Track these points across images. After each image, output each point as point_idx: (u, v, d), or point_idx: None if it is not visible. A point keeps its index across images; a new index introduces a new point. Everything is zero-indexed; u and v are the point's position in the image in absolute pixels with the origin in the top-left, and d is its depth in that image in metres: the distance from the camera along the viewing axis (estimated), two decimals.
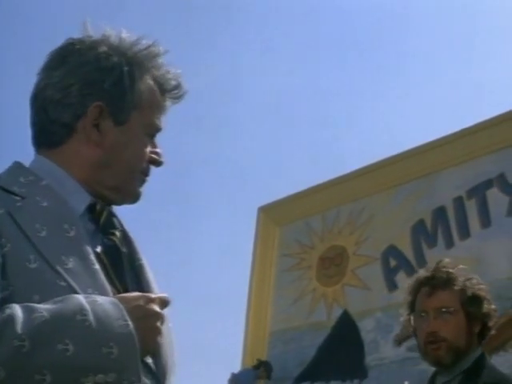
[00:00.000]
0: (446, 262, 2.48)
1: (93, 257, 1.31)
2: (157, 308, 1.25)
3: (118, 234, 1.40)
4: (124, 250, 1.40)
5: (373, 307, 9.85)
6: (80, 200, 1.38)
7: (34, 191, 1.33)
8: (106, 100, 1.40)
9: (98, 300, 1.20)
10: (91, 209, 1.40)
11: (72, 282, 1.24)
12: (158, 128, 1.48)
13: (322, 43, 17.94)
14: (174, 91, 1.48)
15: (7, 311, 1.15)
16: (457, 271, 2.43)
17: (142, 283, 1.41)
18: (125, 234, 1.44)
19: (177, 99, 1.50)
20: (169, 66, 1.48)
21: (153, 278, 1.45)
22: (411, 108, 16.39)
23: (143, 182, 1.48)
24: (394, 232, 9.98)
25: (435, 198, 9.73)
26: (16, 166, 1.41)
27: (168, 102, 1.49)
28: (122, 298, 1.23)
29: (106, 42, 1.43)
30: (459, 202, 9.50)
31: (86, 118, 1.40)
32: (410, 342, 2.63)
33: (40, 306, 1.17)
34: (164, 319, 1.27)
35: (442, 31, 16.96)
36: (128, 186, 1.45)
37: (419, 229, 9.83)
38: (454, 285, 2.39)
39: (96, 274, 1.29)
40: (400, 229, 9.92)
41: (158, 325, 1.24)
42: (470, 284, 2.40)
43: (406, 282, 2.55)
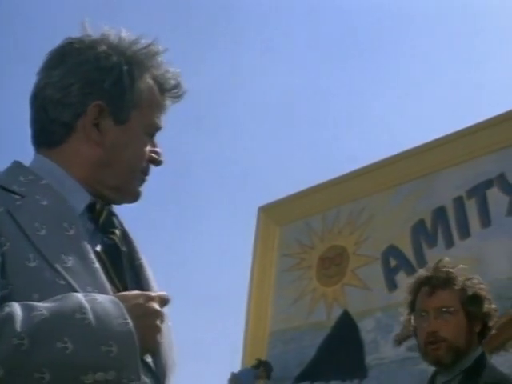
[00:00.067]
0: (445, 262, 2.48)
1: (92, 255, 1.31)
2: (156, 306, 1.25)
3: (117, 233, 1.40)
4: (124, 249, 1.40)
5: (373, 307, 9.85)
6: (80, 199, 1.38)
7: (34, 190, 1.33)
8: (105, 99, 1.40)
9: (97, 298, 1.20)
10: (91, 208, 1.40)
11: (71, 281, 1.24)
12: (157, 127, 1.48)
13: (322, 43, 17.93)
14: (174, 90, 1.49)
15: (6, 309, 1.15)
16: (457, 271, 2.43)
17: (141, 282, 1.41)
18: (125, 233, 1.44)
19: (176, 98, 1.50)
20: (168, 66, 1.48)
21: (152, 278, 1.45)
22: (411, 108, 16.39)
23: (143, 181, 1.48)
24: (394, 232, 9.98)
25: (435, 198, 9.73)
26: (16, 165, 1.41)
27: (168, 102, 1.49)
28: (122, 297, 1.23)
29: (105, 41, 1.43)
30: (459, 202, 9.50)
31: (85, 117, 1.40)
32: (410, 342, 2.64)
33: (39, 304, 1.17)
34: (164, 317, 1.27)
35: (442, 31, 16.96)
36: (128, 186, 1.45)
37: (419, 229, 9.82)
38: (455, 284, 2.38)
39: (96, 272, 1.29)
40: (400, 229, 9.92)
41: (157, 323, 1.24)
42: (470, 283, 2.40)
43: (406, 282, 2.55)
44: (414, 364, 7.32)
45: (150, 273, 1.46)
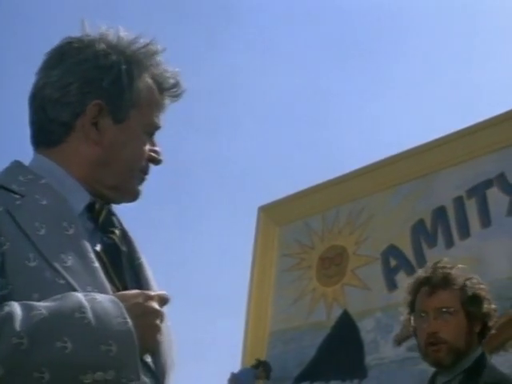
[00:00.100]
0: (443, 262, 2.47)
1: (92, 255, 1.31)
2: (156, 306, 1.25)
3: (117, 233, 1.40)
4: (123, 249, 1.40)
5: (373, 307, 9.85)
6: (79, 199, 1.38)
7: (34, 189, 1.33)
8: (104, 98, 1.40)
9: (97, 298, 1.20)
10: (90, 207, 1.40)
11: (71, 280, 1.24)
12: (156, 126, 1.48)
13: (322, 43, 17.95)
14: (173, 90, 1.48)
15: (6, 309, 1.15)
16: (456, 271, 2.43)
17: (141, 282, 1.41)
18: (124, 232, 1.44)
19: (175, 97, 1.50)
20: (167, 65, 1.48)
21: (152, 277, 1.45)
22: (411, 108, 16.40)
23: (142, 180, 1.47)
24: (393, 232, 9.98)
25: (435, 198, 9.73)
26: (15, 164, 1.41)
27: (167, 101, 1.49)
28: (121, 296, 1.23)
29: (104, 40, 1.43)
30: (459, 202, 9.50)
31: (84, 116, 1.39)
32: (410, 342, 2.64)
33: (39, 303, 1.17)
34: (163, 317, 1.26)
35: (442, 31, 16.98)
36: (127, 185, 1.45)
37: (419, 228, 9.82)
38: (454, 284, 2.38)
39: (95, 272, 1.29)
40: (400, 229, 9.92)
41: (157, 322, 1.24)
42: (470, 283, 2.39)
43: (406, 282, 2.54)
44: (414, 364, 7.31)
45: (150, 272, 1.46)
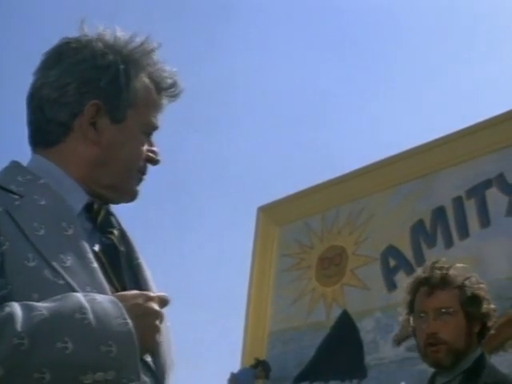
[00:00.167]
0: (441, 262, 2.47)
1: (91, 255, 1.31)
2: (156, 306, 1.25)
3: (115, 233, 1.40)
4: (122, 249, 1.40)
5: (372, 307, 9.85)
6: (78, 199, 1.38)
7: (32, 190, 1.33)
8: (102, 98, 1.39)
9: (96, 298, 1.20)
10: (89, 208, 1.40)
11: (70, 281, 1.24)
12: (154, 126, 1.48)
13: (321, 43, 17.95)
14: (170, 89, 1.48)
15: (6, 309, 1.14)
16: (454, 270, 2.42)
17: (139, 282, 1.41)
18: (123, 232, 1.44)
19: (173, 97, 1.50)
20: (165, 64, 1.47)
21: (151, 277, 1.45)
22: (411, 108, 16.41)
23: (140, 180, 1.47)
24: (393, 232, 9.98)
25: (434, 198, 9.73)
26: (14, 165, 1.41)
27: (164, 101, 1.49)
28: (121, 296, 1.23)
29: (101, 40, 1.43)
30: (458, 202, 9.50)
31: (82, 116, 1.39)
32: (410, 342, 2.63)
33: (39, 304, 1.17)
34: (163, 318, 1.27)
35: (442, 31, 16.98)
36: (125, 185, 1.44)
37: (418, 229, 9.83)
38: (453, 284, 2.38)
39: (94, 272, 1.29)
40: (399, 229, 9.92)
41: (156, 323, 1.24)
42: (469, 283, 2.39)
43: (406, 282, 2.54)
44: (414, 364, 7.32)
45: (149, 273, 1.45)
